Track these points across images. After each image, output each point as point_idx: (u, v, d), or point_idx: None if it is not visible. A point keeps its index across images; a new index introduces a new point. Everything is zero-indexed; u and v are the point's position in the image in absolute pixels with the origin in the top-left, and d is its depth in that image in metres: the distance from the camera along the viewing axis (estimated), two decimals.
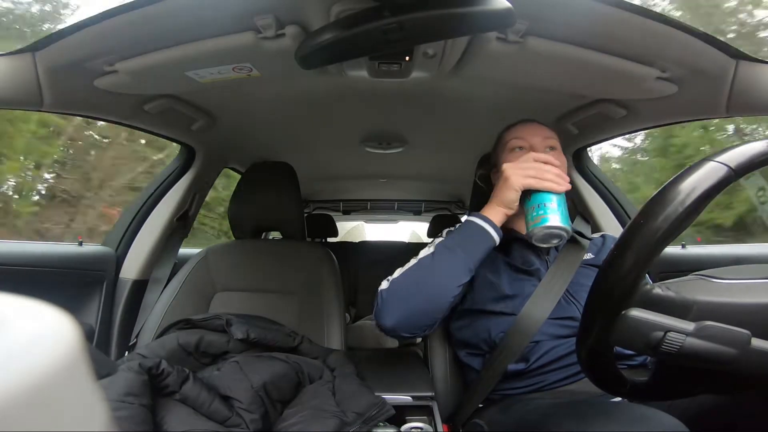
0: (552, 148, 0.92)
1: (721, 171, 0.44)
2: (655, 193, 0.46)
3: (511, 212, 0.79)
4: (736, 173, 0.43)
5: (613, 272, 0.46)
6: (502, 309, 0.85)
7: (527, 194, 0.77)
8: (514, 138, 0.93)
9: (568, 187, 0.76)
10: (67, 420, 0.15)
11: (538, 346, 0.81)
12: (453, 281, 0.76)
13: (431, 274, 0.77)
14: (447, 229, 0.86)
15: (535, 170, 0.76)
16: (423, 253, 0.81)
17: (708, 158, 0.45)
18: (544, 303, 0.82)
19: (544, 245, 0.79)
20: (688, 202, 0.43)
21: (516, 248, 0.92)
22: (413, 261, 0.81)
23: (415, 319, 0.78)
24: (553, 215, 0.73)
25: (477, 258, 0.77)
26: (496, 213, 0.79)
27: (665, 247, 0.45)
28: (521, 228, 0.94)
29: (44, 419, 0.14)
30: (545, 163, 0.78)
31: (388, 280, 0.81)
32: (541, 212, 0.74)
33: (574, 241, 0.91)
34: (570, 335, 0.81)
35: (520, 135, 0.93)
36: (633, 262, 0.45)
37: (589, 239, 0.93)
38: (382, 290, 0.80)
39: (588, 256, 0.90)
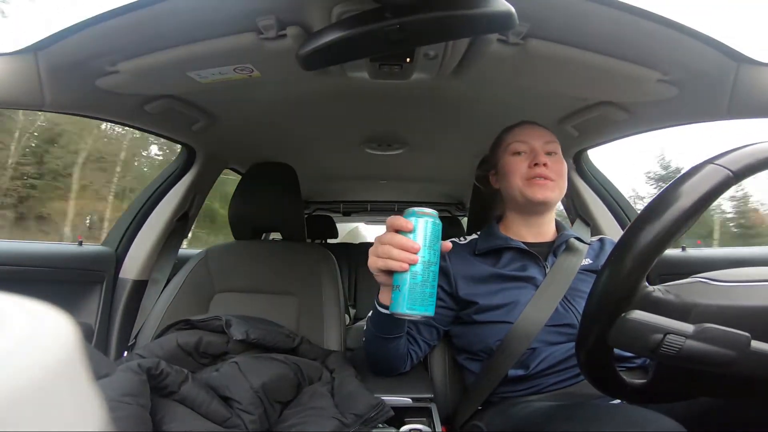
0: (553, 153, 0.92)
1: (721, 174, 0.43)
2: (655, 195, 0.46)
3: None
4: (736, 176, 0.43)
5: (613, 274, 0.46)
6: (496, 318, 0.84)
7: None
8: (515, 141, 0.93)
9: (413, 260, 0.61)
10: (64, 420, 0.15)
11: (535, 353, 0.81)
12: (382, 347, 0.84)
13: (368, 344, 0.87)
14: None
15: (382, 248, 0.64)
16: (366, 323, 0.86)
17: (709, 160, 0.45)
18: (540, 310, 0.82)
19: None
20: (688, 204, 0.43)
21: (511, 256, 0.91)
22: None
23: (382, 370, 0.92)
24: (396, 301, 0.62)
25: (388, 330, 0.81)
26: (382, 293, 0.74)
27: (665, 249, 0.45)
28: (518, 236, 0.94)
29: (42, 419, 0.14)
30: (398, 230, 0.64)
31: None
32: (392, 296, 0.63)
33: (572, 247, 0.91)
34: (567, 341, 0.81)
35: (521, 138, 0.93)
36: (633, 264, 0.45)
37: (588, 244, 0.93)
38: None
39: (586, 261, 0.90)
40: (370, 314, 0.83)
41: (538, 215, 0.95)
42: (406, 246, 0.61)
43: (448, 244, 0.68)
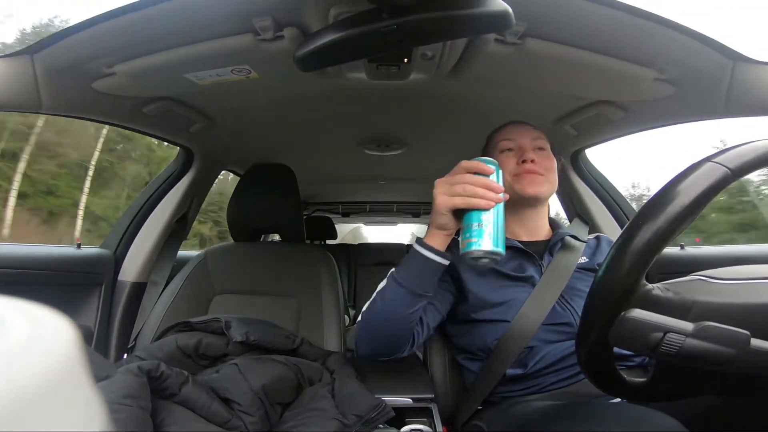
0: (541, 149, 0.92)
1: (719, 171, 0.44)
2: (654, 193, 0.46)
3: (449, 233, 0.72)
4: (735, 174, 0.43)
5: (612, 273, 0.46)
6: (494, 317, 0.84)
7: (461, 213, 0.68)
8: (503, 139, 0.94)
9: (500, 200, 0.65)
10: (65, 422, 0.15)
11: (533, 351, 0.81)
12: (406, 309, 0.76)
13: (386, 308, 0.77)
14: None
15: (462, 187, 0.66)
16: (381, 284, 0.80)
17: (707, 158, 0.45)
18: (537, 309, 0.82)
19: (480, 267, 0.76)
20: (687, 202, 0.44)
21: (509, 256, 0.90)
22: (375, 292, 0.81)
23: (384, 346, 0.81)
24: (480, 239, 0.64)
25: (425, 284, 0.75)
26: (435, 237, 0.73)
27: (664, 247, 0.45)
28: (513, 235, 0.94)
29: (42, 422, 0.14)
30: (477, 173, 0.67)
31: (361, 313, 0.83)
32: (467, 235, 0.65)
33: (568, 245, 0.91)
34: (565, 340, 0.81)
35: (509, 136, 0.93)
36: (632, 262, 0.45)
37: (584, 242, 0.93)
38: (357, 322, 0.82)
39: (582, 259, 0.90)
40: (397, 271, 0.76)
41: (530, 210, 0.94)
42: (492, 186, 0.65)
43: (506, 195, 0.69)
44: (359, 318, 0.82)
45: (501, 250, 0.64)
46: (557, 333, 0.82)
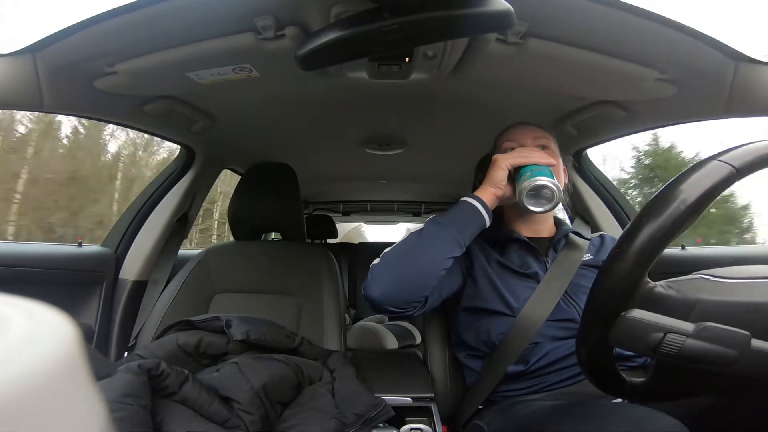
0: (544, 147, 0.92)
1: (725, 170, 0.44)
2: (658, 191, 0.46)
3: (500, 192, 0.82)
4: (740, 172, 0.43)
5: (613, 273, 0.46)
6: (501, 309, 0.85)
7: (516, 172, 0.81)
8: (506, 140, 0.94)
9: (553, 163, 0.81)
10: (65, 420, 0.15)
11: (537, 347, 0.81)
12: (442, 253, 0.77)
13: (421, 246, 0.78)
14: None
15: (520, 152, 0.84)
16: (411, 230, 0.83)
17: (712, 157, 0.45)
18: (542, 305, 0.82)
19: (538, 209, 0.78)
20: (690, 200, 0.43)
21: (514, 250, 0.92)
22: (404, 235, 0.82)
23: (403, 290, 0.76)
24: (542, 173, 0.77)
25: (466, 233, 0.79)
26: (485, 192, 0.82)
27: (667, 245, 0.45)
28: (520, 229, 0.94)
29: (43, 420, 0.14)
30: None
31: (380, 256, 0.81)
32: (529, 174, 0.78)
33: (572, 242, 0.91)
34: (569, 337, 0.81)
35: (511, 137, 0.94)
36: (634, 262, 0.45)
37: (588, 239, 0.94)
38: (373, 264, 0.80)
39: (587, 257, 0.90)
40: (439, 216, 0.81)
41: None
42: (545, 154, 0.84)
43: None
44: (376, 260, 0.80)
45: (560, 186, 0.78)
46: (561, 329, 0.82)
